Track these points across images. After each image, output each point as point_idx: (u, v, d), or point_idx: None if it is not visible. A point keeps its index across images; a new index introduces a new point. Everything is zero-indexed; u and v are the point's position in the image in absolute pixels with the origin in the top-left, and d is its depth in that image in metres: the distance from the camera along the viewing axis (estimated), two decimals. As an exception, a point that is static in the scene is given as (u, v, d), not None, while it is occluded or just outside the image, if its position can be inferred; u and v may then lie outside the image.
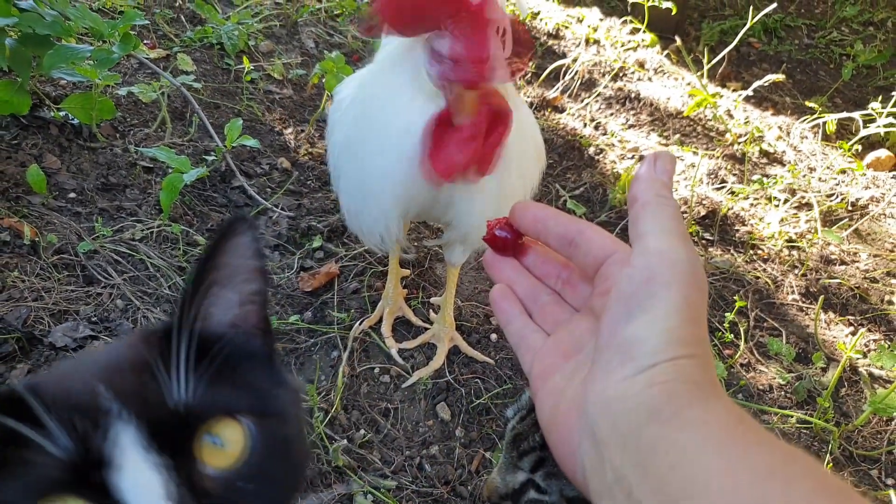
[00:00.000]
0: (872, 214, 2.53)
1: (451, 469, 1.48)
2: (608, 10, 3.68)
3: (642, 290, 0.49)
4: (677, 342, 0.47)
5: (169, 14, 2.64)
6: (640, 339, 0.47)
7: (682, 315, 0.47)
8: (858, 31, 3.93)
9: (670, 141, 2.76)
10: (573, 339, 0.58)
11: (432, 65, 1.10)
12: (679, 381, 0.46)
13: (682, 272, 0.49)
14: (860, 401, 1.83)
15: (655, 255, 0.50)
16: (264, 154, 2.18)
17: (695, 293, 0.49)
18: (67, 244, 1.66)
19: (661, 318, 0.47)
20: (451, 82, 1.07)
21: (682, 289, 0.48)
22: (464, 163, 1.15)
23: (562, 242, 0.60)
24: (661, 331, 0.47)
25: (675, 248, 0.50)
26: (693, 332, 0.48)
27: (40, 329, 1.46)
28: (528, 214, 0.62)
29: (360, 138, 1.26)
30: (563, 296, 0.63)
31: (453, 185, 1.22)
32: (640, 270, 0.50)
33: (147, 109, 2.19)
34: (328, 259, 1.86)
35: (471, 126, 1.12)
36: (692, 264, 0.50)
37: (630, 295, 0.49)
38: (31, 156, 1.84)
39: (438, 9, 1.04)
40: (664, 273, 0.49)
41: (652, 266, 0.49)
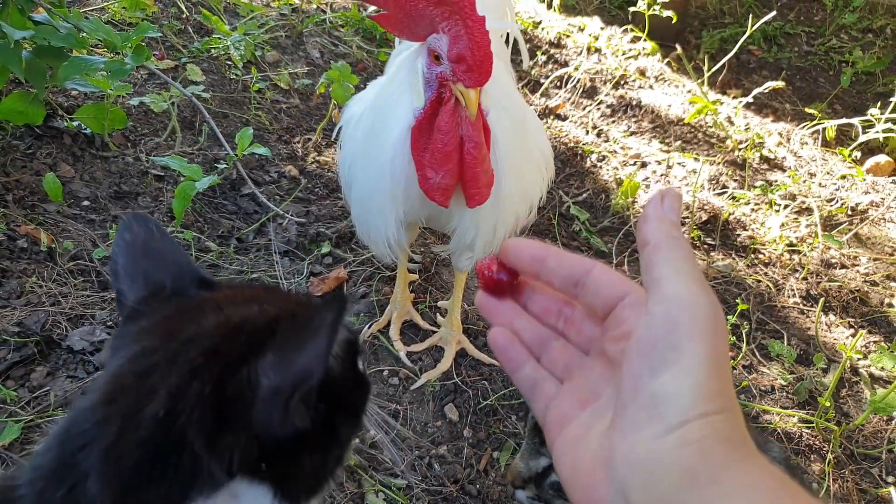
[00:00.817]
0: (872, 219, 2.56)
1: (459, 468, 1.51)
2: (609, 18, 3.73)
3: (665, 342, 0.46)
4: (706, 397, 0.45)
5: (177, 25, 2.68)
6: (669, 394, 0.45)
7: (710, 367, 0.45)
8: (857, 38, 3.97)
9: (672, 147, 2.79)
10: (588, 386, 0.56)
11: (430, 67, 1.14)
12: (712, 439, 0.44)
13: (705, 321, 0.47)
14: (861, 401, 1.86)
15: (675, 303, 0.47)
16: (272, 162, 2.22)
17: (719, 343, 0.47)
18: (83, 250, 1.70)
19: (688, 372, 0.45)
20: (454, 82, 1.11)
21: (706, 339, 0.46)
22: (442, 185, 1.19)
23: (567, 283, 0.58)
24: (690, 386, 0.45)
25: (694, 295, 0.48)
26: (721, 385, 0.46)
27: (58, 333, 1.50)
28: (525, 254, 0.59)
29: (368, 150, 1.30)
30: (567, 335, 0.60)
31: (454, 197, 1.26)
32: (661, 320, 0.47)
33: (157, 119, 2.23)
34: (337, 264, 1.89)
35: (441, 145, 1.16)
36: (713, 311, 0.48)
37: (652, 346, 0.47)
38: (46, 165, 1.88)
39: (429, 10, 1.08)
40: (686, 323, 0.47)
41: (673, 315, 0.47)
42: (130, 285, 0.55)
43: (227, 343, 0.49)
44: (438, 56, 1.11)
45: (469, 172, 1.19)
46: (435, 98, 1.16)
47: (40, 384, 1.42)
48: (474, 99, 1.09)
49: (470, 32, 1.05)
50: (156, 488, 0.44)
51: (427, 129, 1.18)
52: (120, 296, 0.56)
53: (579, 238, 2.27)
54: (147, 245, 0.57)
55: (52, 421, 1.36)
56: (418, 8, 1.09)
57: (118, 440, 0.44)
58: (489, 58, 1.06)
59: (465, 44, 1.06)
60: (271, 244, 1.91)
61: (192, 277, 0.57)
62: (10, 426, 1.30)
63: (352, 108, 1.47)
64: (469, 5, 1.03)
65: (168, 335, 0.49)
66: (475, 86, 1.09)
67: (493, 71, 1.11)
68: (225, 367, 0.47)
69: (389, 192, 1.26)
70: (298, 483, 0.52)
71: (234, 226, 1.95)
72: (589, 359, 0.58)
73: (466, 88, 1.09)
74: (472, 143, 1.16)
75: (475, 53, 1.05)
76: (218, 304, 0.53)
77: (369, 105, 1.35)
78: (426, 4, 1.08)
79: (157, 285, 0.55)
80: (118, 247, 0.57)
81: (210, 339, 0.49)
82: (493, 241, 1.42)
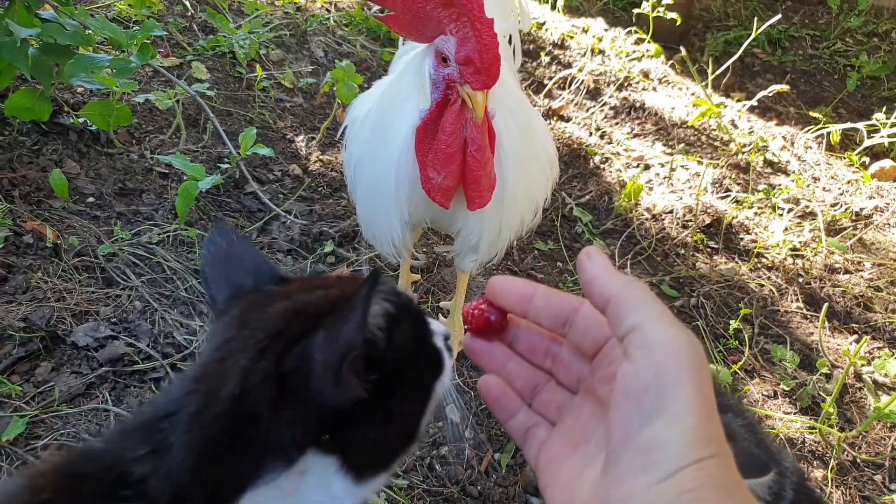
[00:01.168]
0: (876, 224, 2.56)
1: (460, 469, 1.51)
2: (613, 20, 3.73)
3: (653, 388, 0.47)
4: (699, 443, 0.45)
5: (182, 23, 2.69)
6: (661, 442, 0.45)
7: (699, 412, 0.46)
8: (863, 42, 3.97)
9: (675, 150, 2.79)
10: (578, 427, 0.56)
11: (437, 69, 1.14)
12: (708, 487, 0.44)
13: (689, 365, 0.47)
14: (864, 407, 1.86)
15: (658, 349, 0.48)
16: (276, 161, 2.22)
17: (705, 385, 0.47)
18: (88, 247, 1.70)
19: (679, 418, 0.45)
20: (461, 84, 1.11)
21: (693, 384, 0.46)
22: (444, 186, 1.19)
23: (555, 322, 0.58)
24: (682, 432, 0.45)
25: (675, 338, 0.48)
26: (712, 429, 0.46)
27: (63, 329, 1.50)
28: (512, 293, 0.59)
29: (374, 150, 1.30)
30: (556, 374, 0.61)
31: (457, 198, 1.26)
32: (646, 366, 0.48)
33: (162, 116, 2.23)
34: (340, 263, 1.89)
35: (444, 146, 1.16)
36: (695, 353, 0.48)
37: (640, 392, 0.47)
38: (52, 161, 1.88)
39: (437, 12, 1.08)
40: (672, 367, 0.47)
41: (657, 361, 0.47)
42: (217, 290, 0.61)
43: (290, 325, 0.53)
44: (446, 58, 1.11)
45: (471, 175, 1.19)
46: (441, 99, 1.16)
47: (45, 379, 1.42)
48: (481, 102, 1.09)
49: (478, 35, 1.05)
50: (232, 459, 0.49)
51: (432, 129, 1.18)
52: (211, 301, 0.62)
53: (582, 240, 2.27)
54: (228, 253, 0.63)
55: (56, 416, 1.36)
56: (426, 9, 1.09)
57: (201, 413, 0.50)
58: (497, 60, 1.06)
59: (473, 46, 1.06)
60: (274, 243, 1.92)
61: (269, 276, 0.63)
62: (14, 421, 1.31)
63: (357, 108, 1.48)
64: (478, 7, 1.03)
65: (242, 324, 0.55)
66: (482, 88, 1.09)
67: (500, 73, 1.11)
68: (285, 346, 0.51)
69: (395, 193, 1.26)
70: (364, 456, 0.55)
71: (237, 224, 1.95)
72: (578, 398, 0.58)
73: (474, 91, 1.09)
74: (476, 145, 1.16)
75: (483, 56, 1.05)
76: (287, 294, 0.58)
77: (374, 105, 1.35)
78: (434, 6, 1.08)
79: (238, 286, 0.61)
80: (204, 259, 0.64)
81: (275, 322, 0.54)
82: (497, 242, 1.43)
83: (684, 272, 2.19)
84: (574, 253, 2.21)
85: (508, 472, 1.54)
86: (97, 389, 1.44)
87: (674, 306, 2.08)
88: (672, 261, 2.26)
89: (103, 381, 1.46)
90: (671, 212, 2.43)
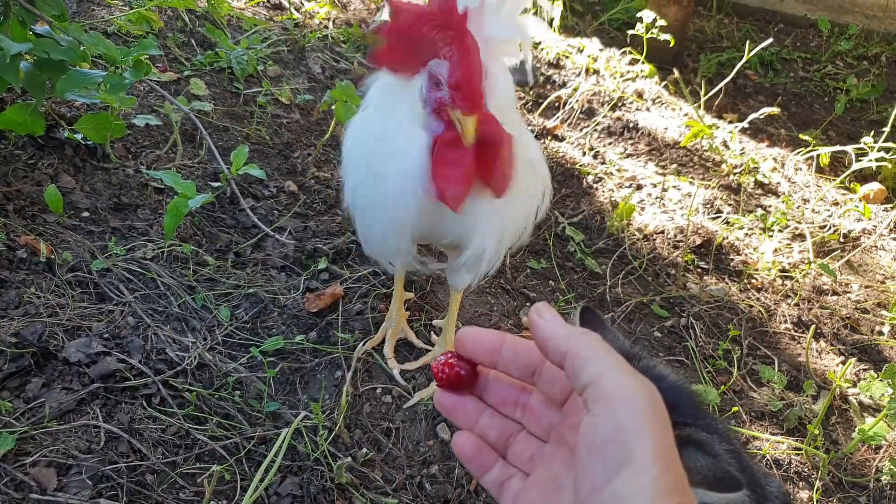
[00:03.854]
0: (864, 246, 2.59)
1: (450, 488, 1.51)
2: (608, 40, 3.77)
3: (614, 441, 0.48)
4: (663, 493, 0.46)
5: (180, 38, 2.71)
6: (626, 494, 0.46)
7: (661, 463, 0.47)
8: (853, 66, 4.03)
9: (667, 171, 2.82)
10: (551, 477, 0.57)
11: (430, 91, 1.16)
12: None
13: (649, 414, 0.49)
14: (850, 428, 1.88)
15: (616, 401, 0.49)
16: (272, 177, 2.24)
17: (665, 434, 0.49)
18: (81, 262, 1.71)
19: (642, 471, 0.47)
20: (452, 108, 1.13)
21: (653, 434, 0.48)
22: (466, 184, 1.20)
23: (524, 373, 0.59)
24: (646, 484, 0.46)
25: (633, 388, 0.50)
26: (675, 478, 0.48)
27: (54, 344, 1.50)
28: (482, 346, 0.60)
29: (373, 175, 1.30)
30: (526, 425, 0.61)
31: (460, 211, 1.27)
32: (606, 419, 0.49)
33: (158, 131, 2.25)
34: (333, 280, 1.91)
35: (467, 151, 1.18)
36: (653, 400, 0.50)
37: (602, 445, 0.49)
38: (47, 175, 1.90)
39: (432, 34, 1.10)
40: (631, 419, 0.48)
41: (616, 414, 0.49)
42: None
43: None
44: (438, 81, 1.13)
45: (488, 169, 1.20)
46: (438, 120, 1.18)
47: (35, 395, 1.43)
48: (471, 127, 1.11)
49: (464, 61, 1.07)
50: None
51: (438, 148, 1.20)
52: None
53: (573, 259, 2.29)
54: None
55: (46, 433, 1.36)
56: (422, 32, 1.11)
57: None
58: (477, 87, 1.08)
59: (462, 72, 1.09)
60: (268, 259, 1.93)
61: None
62: (4, 437, 1.31)
63: (354, 126, 1.49)
64: (465, 32, 1.06)
65: None
66: (468, 114, 1.11)
67: (499, 87, 1.13)
68: None
69: (398, 218, 1.27)
70: None
71: (231, 240, 1.96)
72: (549, 447, 0.60)
73: (463, 116, 1.11)
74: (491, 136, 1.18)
75: (467, 82, 1.08)
76: None
77: (370, 126, 1.37)
78: (429, 29, 1.10)
79: None
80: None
81: None
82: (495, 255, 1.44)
83: (675, 292, 2.21)
84: (566, 271, 2.23)
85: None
86: (88, 406, 1.45)
87: (664, 326, 2.10)
88: (663, 281, 2.28)
89: (94, 398, 1.46)
90: (662, 232, 2.46)
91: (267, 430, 1.51)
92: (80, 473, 1.33)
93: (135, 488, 1.35)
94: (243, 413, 1.54)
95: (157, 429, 1.46)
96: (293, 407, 1.59)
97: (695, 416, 0.93)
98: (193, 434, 1.46)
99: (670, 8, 3.53)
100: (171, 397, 1.51)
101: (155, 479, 1.38)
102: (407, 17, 1.11)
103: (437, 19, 1.09)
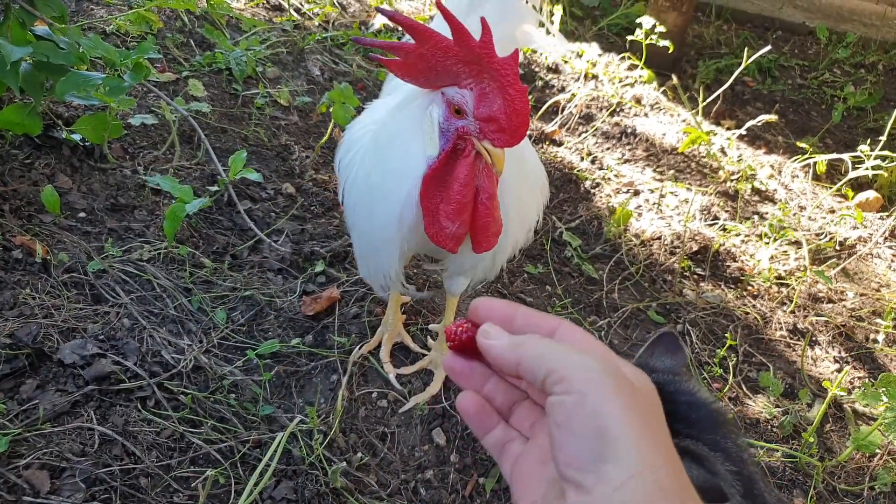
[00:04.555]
0: (860, 254, 2.59)
1: (445, 493, 1.51)
2: (607, 45, 3.78)
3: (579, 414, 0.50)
4: (642, 457, 0.48)
5: (179, 39, 2.70)
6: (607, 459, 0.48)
7: (635, 426, 0.48)
8: (850, 73, 4.04)
9: (665, 176, 2.83)
10: (548, 446, 0.58)
11: (448, 119, 1.13)
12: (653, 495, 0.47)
13: (607, 380, 0.50)
14: (844, 436, 1.88)
15: (573, 379, 0.51)
16: (269, 179, 2.23)
17: (627, 394, 0.50)
18: (77, 263, 1.70)
19: (619, 437, 0.48)
20: (480, 140, 1.10)
21: (617, 398, 0.49)
22: (458, 234, 1.19)
23: None
24: (625, 449, 0.48)
25: (584, 364, 0.52)
26: (652, 438, 0.49)
27: (49, 346, 1.50)
28: (495, 314, 0.62)
29: (374, 195, 1.27)
30: (531, 394, 0.63)
31: None
32: (568, 397, 0.51)
33: (157, 132, 2.24)
34: (330, 284, 1.90)
35: (459, 197, 1.16)
36: (607, 368, 0.51)
37: (568, 420, 0.50)
38: (44, 175, 1.89)
39: (456, 67, 1.08)
40: (594, 391, 0.50)
41: (576, 388, 0.50)
42: None
43: None
44: (460, 110, 1.11)
45: (481, 222, 1.19)
46: (451, 149, 1.15)
47: (29, 397, 1.42)
48: (502, 157, 1.10)
49: (510, 99, 1.05)
50: None
51: (440, 178, 1.16)
52: None
53: (571, 264, 2.29)
54: None
55: (40, 434, 1.36)
56: (445, 64, 1.09)
57: None
58: (526, 125, 1.07)
59: (501, 108, 1.06)
60: (265, 262, 1.92)
61: None
62: (-3, 439, 1.31)
63: (353, 135, 1.46)
64: (512, 73, 1.04)
65: None
66: (505, 146, 1.10)
67: None
68: None
69: (398, 241, 1.26)
70: None
71: (228, 242, 1.96)
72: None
73: (494, 147, 1.10)
74: (487, 193, 1.17)
75: (512, 119, 1.06)
76: None
77: (371, 145, 1.33)
78: (455, 61, 1.08)
79: None
80: None
81: None
82: (492, 269, 1.44)
83: (671, 298, 2.21)
84: (563, 276, 2.23)
85: (493, 497, 1.55)
86: (82, 408, 1.44)
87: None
88: (659, 287, 2.28)
89: (89, 400, 1.46)
90: (659, 238, 2.46)
91: (262, 433, 1.51)
92: (73, 476, 1.33)
93: (128, 491, 1.35)
94: (238, 416, 1.53)
95: (151, 432, 1.45)
96: (288, 411, 1.58)
97: (705, 431, 0.92)
98: (188, 437, 1.46)
99: (669, 14, 3.53)
100: (167, 400, 1.51)
101: (149, 482, 1.38)
102: (435, 47, 1.08)
103: (466, 55, 1.07)
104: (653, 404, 0.53)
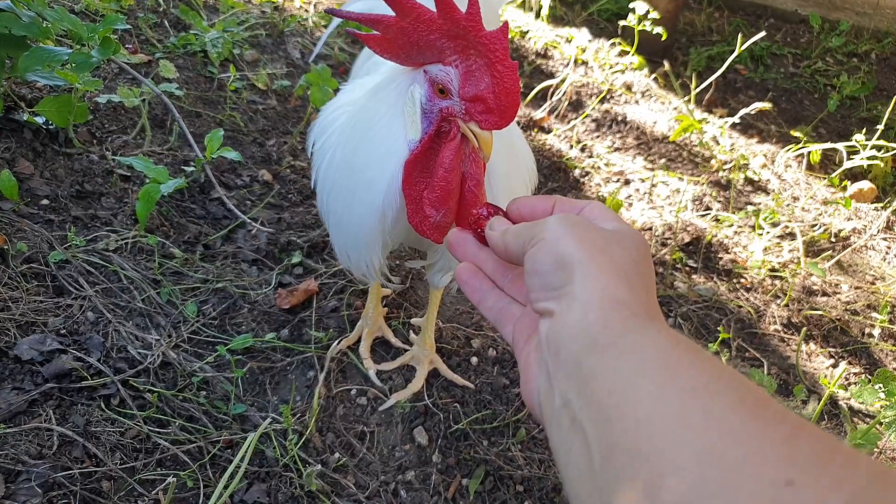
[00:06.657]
0: (855, 246, 2.54)
1: (426, 496, 1.44)
2: (597, 31, 3.70)
3: (549, 262, 0.57)
4: (609, 296, 0.53)
5: (152, 19, 2.60)
6: (567, 282, 0.55)
7: (608, 273, 0.54)
8: (843, 62, 3.98)
9: (656, 165, 2.76)
10: None
11: (432, 99, 1.05)
12: (614, 309, 0.51)
13: (584, 240, 0.57)
14: (840, 433, 1.82)
15: (549, 238, 0.58)
16: (245, 165, 2.14)
17: (588, 232, 0.57)
18: (38, 253, 1.61)
19: (587, 276, 0.54)
20: (465, 121, 1.03)
21: (595, 255, 0.55)
22: (442, 223, 1.11)
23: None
24: (582, 271, 0.54)
25: (560, 223, 0.59)
26: (627, 288, 0.53)
27: (6, 341, 1.41)
28: (538, 212, 0.68)
29: (352, 180, 1.20)
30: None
31: None
32: (539, 250, 0.58)
33: (126, 116, 2.14)
34: (307, 275, 1.82)
35: (444, 183, 1.08)
36: (586, 230, 0.57)
37: (537, 266, 0.58)
38: (3, 160, 1.79)
39: (440, 42, 0.99)
40: (563, 243, 0.57)
41: (550, 245, 0.58)
42: None
43: None
44: (444, 89, 1.03)
45: (466, 210, 1.11)
46: (434, 132, 1.07)
47: (-18, 396, 1.33)
48: (490, 141, 1.02)
49: (499, 77, 0.97)
50: None
51: (423, 164, 1.08)
52: None
53: (560, 255, 2.21)
54: None
55: (-8, 437, 1.27)
56: (429, 39, 1.00)
57: None
58: (516, 105, 0.99)
59: (489, 86, 0.98)
60: (239, 252, 1.83)
61: None
62: (-55, 442, 1.22)
63: (328, 117, 1.38)
64: (502, 49, 0.96)
65: None
66: (493, 128, 1.01)
67: None
68: None
69: (378, 226, 1.18)
70: None
71: (201, 231, 1.86)
72: None
73: (482, 130, 1.01)
74: (474, 180, 1.08)
75: (501, 99, 0.97)
76: None
77: (349, 127, 1.25)
78: (439, 37, 1.00)
79: None
80: None
81: None
82: None
83: (662, 291, 2.15)
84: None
85: (476, 499, 1.47)
86: (40, 407, 1.35)
87: (651, 326, 2.04)
88: (650, 279, 2.21)
89: (48, 398, 1.37)
90: (650, 229, 2.39)
91: (233, 433, 1.43)
92: (29, 480, 1.24)
93: (89, 496, 1.26)
94: (208, 415, 1.45)
95: (114, 432, 1.36)
96: (262, 409, 1.50)
97: None
98: (154, 438, 1.38)
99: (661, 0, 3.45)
100: (132, 398, 1.42)
101: (111, 485, 1.30)
102: (417, 20, 0.99)
103: (451, 29, 0.98)
104: (627, 246, 0.57)
